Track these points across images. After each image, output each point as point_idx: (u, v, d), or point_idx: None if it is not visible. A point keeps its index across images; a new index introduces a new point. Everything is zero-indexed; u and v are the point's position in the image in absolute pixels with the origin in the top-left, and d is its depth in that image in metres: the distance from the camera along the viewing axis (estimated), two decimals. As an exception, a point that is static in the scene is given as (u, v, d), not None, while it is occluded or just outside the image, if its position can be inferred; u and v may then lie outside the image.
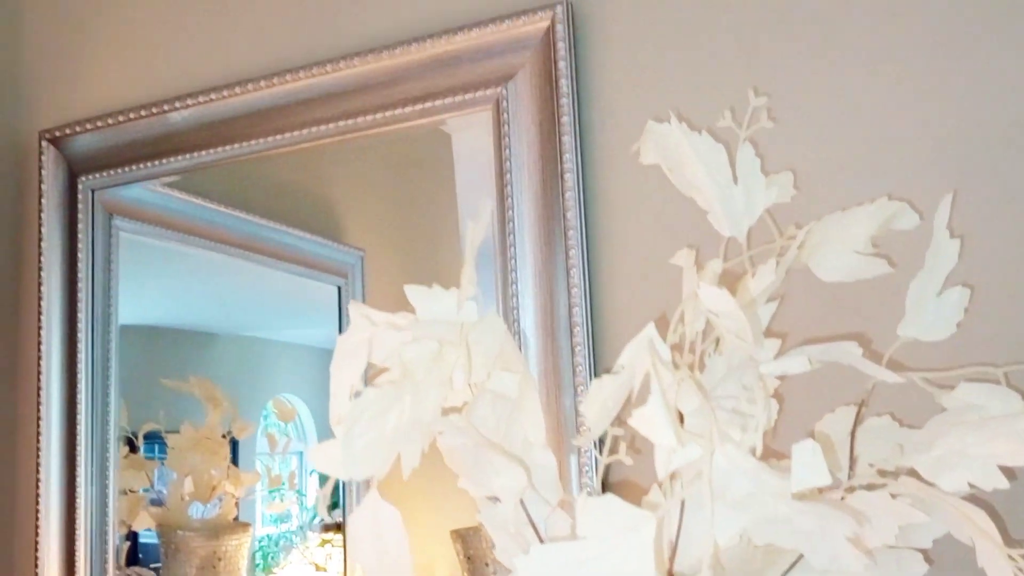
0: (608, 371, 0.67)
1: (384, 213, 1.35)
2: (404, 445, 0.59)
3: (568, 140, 1.08)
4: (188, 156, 1.32)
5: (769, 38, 1.03)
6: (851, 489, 0.66)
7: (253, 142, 1.28)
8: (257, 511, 1.46)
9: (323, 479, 1.31)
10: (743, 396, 0.61)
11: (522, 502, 0.65)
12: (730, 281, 0.82)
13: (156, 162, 1.35)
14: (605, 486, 1.01)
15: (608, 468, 0.88)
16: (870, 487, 0.66)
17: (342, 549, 1.39)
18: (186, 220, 1.44)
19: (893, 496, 0.63)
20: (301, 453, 1.47)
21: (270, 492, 1.48)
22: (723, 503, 0.55)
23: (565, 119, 1.08)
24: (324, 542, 1.43)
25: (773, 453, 0.73)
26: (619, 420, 0.66)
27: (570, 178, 1.07)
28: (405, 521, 0.60)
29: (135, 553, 1.44)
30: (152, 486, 1.47)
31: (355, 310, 0.62)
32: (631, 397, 0.61)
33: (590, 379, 1.04)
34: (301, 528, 1.46)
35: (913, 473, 0.65)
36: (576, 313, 1.05)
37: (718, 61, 1.05)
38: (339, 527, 1.40)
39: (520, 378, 0.64)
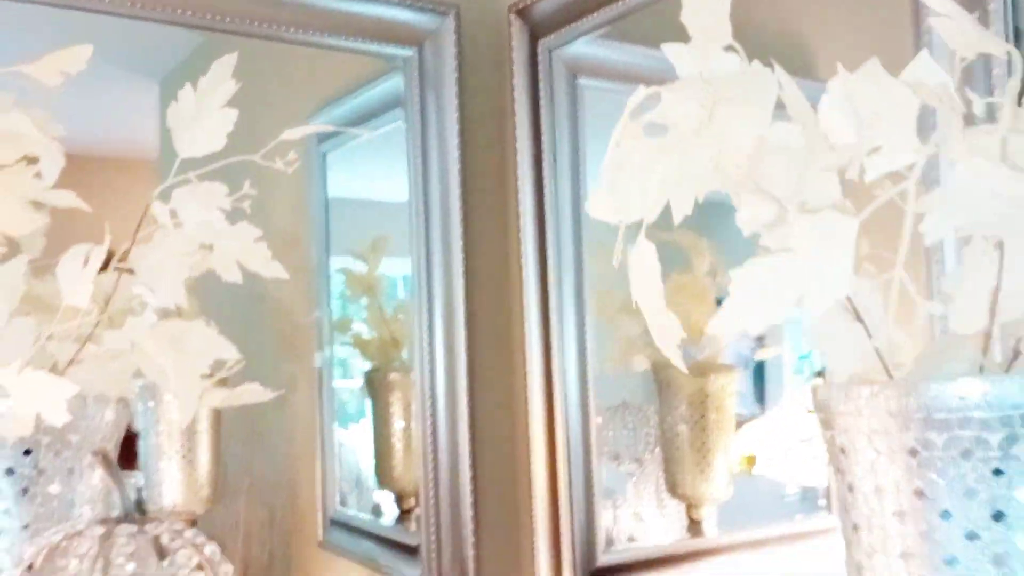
0: None
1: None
2: (674, 193, 0.62)
3: None
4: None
5: None
6: None
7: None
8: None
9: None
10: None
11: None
12: None
13: (602, 10, 1.38)
14: None
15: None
16: None
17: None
18: (648, 72, 1.52)
19: None
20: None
21: (757, 340, 1.54)
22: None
23: None
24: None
25: None
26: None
27: None
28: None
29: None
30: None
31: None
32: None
33: None
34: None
35: None
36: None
37: None
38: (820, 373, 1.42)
39: (806, 129, 0.62)
